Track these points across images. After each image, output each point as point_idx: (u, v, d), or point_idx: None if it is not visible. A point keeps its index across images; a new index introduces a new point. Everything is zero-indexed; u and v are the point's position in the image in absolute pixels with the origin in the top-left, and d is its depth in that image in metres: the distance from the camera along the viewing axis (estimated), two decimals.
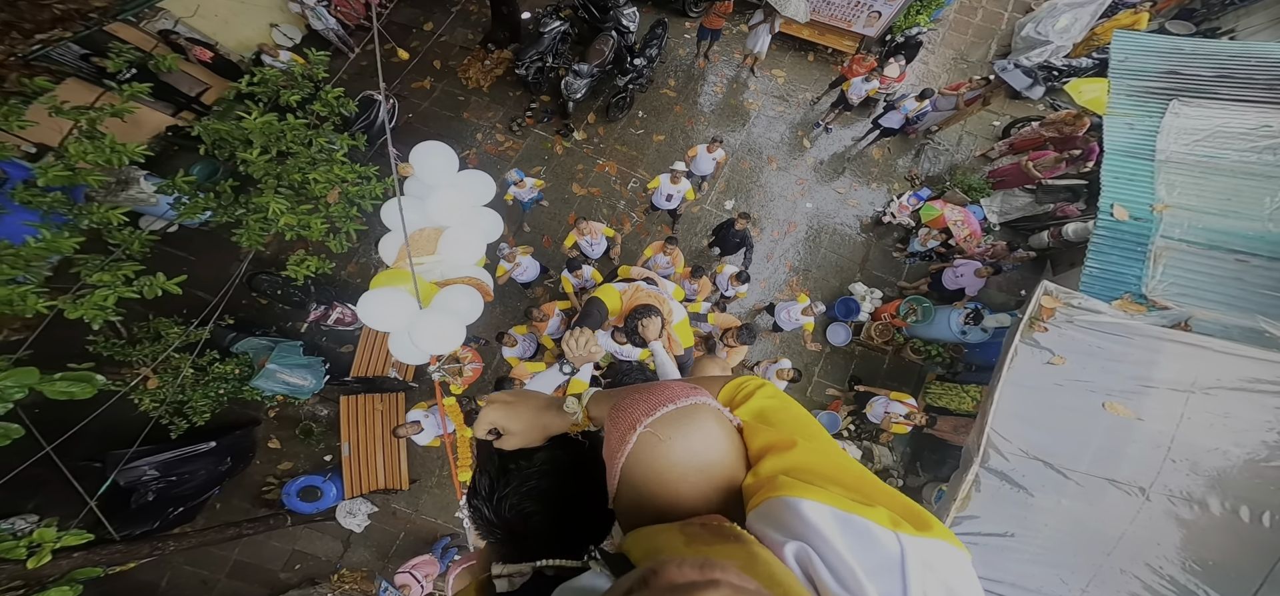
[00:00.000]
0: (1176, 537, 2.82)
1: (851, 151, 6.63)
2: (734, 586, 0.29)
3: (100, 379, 1.77)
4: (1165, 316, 2.92)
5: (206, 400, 4.20)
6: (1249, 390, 2.76)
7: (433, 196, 2.62)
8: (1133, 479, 2.85)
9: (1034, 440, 2.90)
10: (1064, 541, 2.92)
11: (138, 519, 4.16)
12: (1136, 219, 3.28)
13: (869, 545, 0.41)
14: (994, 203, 5.89)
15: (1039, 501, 2.91)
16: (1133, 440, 2.86)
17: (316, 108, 3.64)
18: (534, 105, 6.52)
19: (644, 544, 0.47)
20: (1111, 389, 2.86)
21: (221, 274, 4.29)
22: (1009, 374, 2.96)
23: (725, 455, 0.56)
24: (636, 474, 0.55)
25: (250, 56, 6.13)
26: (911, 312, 5.20)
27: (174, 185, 3.34)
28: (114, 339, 3.90)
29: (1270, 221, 3.10)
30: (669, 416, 0.55)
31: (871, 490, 0.48)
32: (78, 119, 2.95)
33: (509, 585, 0.54)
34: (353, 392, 5.06)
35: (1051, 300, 2.99)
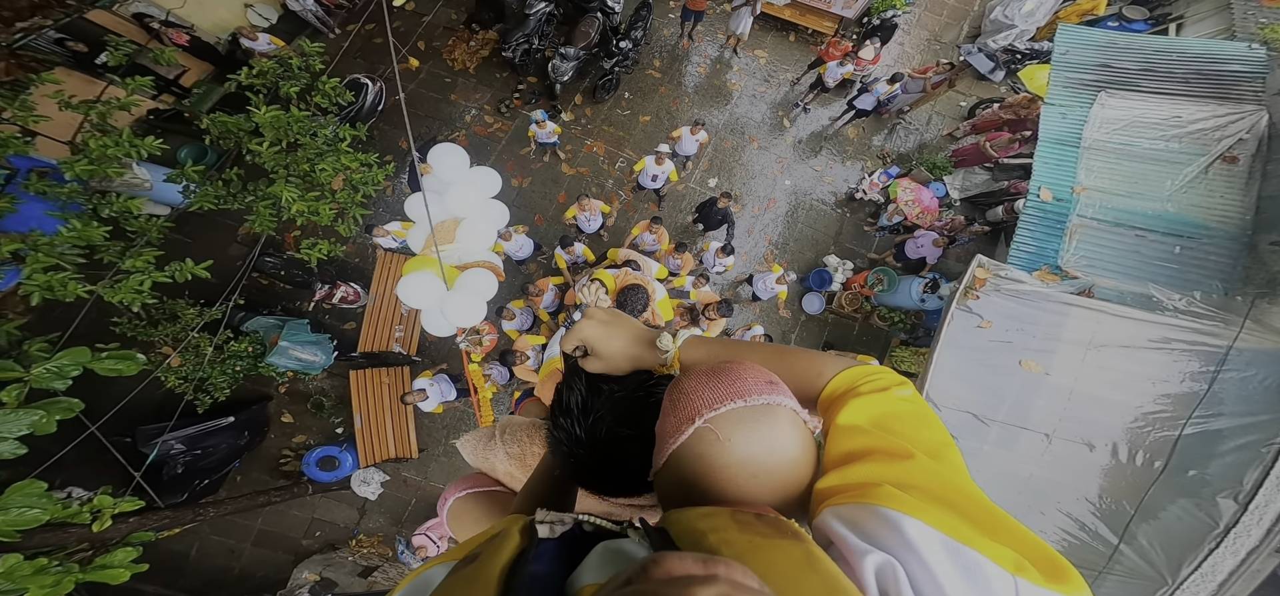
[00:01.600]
0: (1073, 476, 3.47)
1: (828, 131, 7.08)
2: (735, 584, 0.27)
3: (141, 358, 2.04)
4: (1073, 285, 3.53)
5: (225, 377, 4.54)
6: (1134, 347, 3.39)
7: (449, 191, 3.03)
8: (1040, 425, 3.49)
9: (963, 395, 3.52)
10: (986, 483, 3.46)
11: (170, 490, 4.59)
12: (1059, 200, 3.87)
13: (976, 584, 0.37)
14: (956, 179, 6.46)
15: (966, 447, 3.50)
16: (1041, 392, 3.48)
17: (317, 99, 3.91)
18: (521, 87, 6.76)
19: (690, 523, 0.44)
20: (1027, 348, 3.48)
21: (219, 255, 4.60)
22: (945, 336, 3.55)
23: (791, 461, 0.52)
24: (685, 466, 0.53)
25: (226, 39, 6.19)
26: (878, 282, 5.81)
27: (183, 174, 3.61)
28: (136, 320, 4.20)
29: (1169, 201, 3.70)
30: (735, 414, 0.51)
31: (999, 526, 0.43)
32: (88, 113, 3.20)
33: (550, 532, 0.51)
34: (360, 367, 5.49)
35: (984, 272, 3.56)
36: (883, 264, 6.10)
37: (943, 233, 5.63)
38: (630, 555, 0.48)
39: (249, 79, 3.69)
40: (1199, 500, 3.32)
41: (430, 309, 2.98)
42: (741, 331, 5.17)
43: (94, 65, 4.75)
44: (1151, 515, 3.41)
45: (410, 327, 5.61)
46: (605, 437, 0.70)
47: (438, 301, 2.86)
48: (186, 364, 4.26)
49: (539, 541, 0.49)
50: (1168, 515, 3.38)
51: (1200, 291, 3.44)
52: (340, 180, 3.75)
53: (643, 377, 0.75)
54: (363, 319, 5.54)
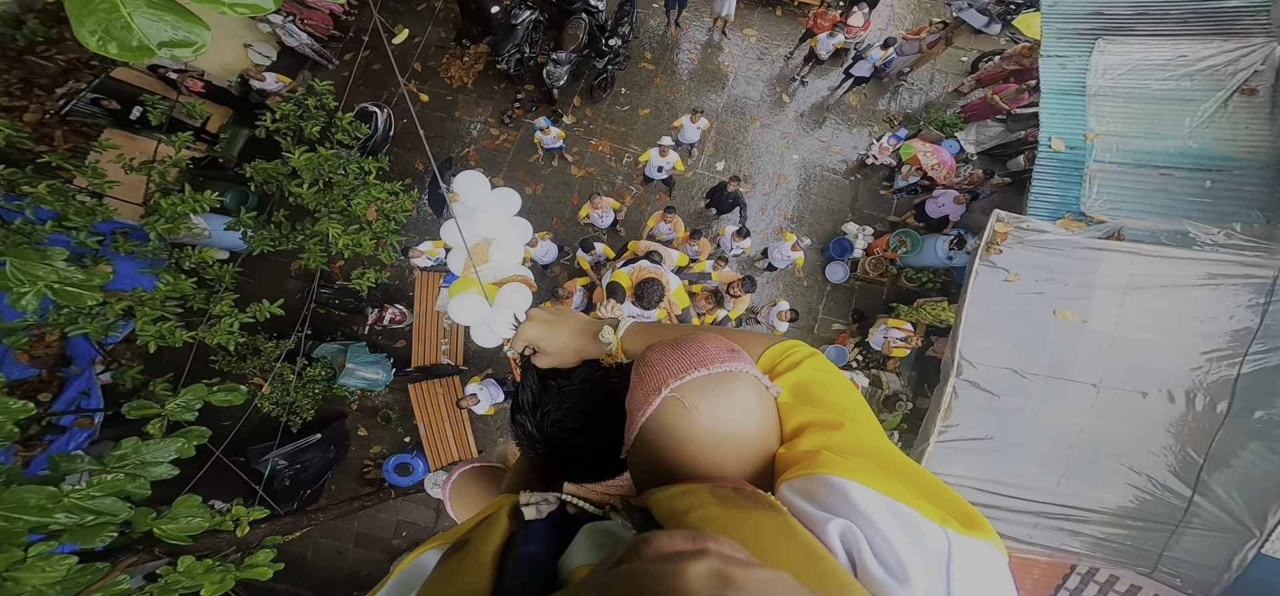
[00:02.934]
0: (1131, 427, 3.39)
1: (829, 101, 7.03)
2: (725, 556, 0.27)
3: (243, 389, 2.26)
4: (1101, 229, 3.51)
5: (307, 399, 5.04)
6: (1176, 287, 3.34)
7: (478, 216, 3.15)
8: (1085, 376, 3.45)
9: (999, 351, 3.53)
10: (1036, 439, 3.50)
11: (282, 500, 5.18)
12: (1072, 148, 3.83)
13: (916, 538, 0.40)
14: (969, 134, 6.40)
15: (1009, 404, 3.51)
16: (1081, 341, 3.45)
17: (338, 136, 4.05)
18: (520, 96, 6.79)
19: (670, 502, 0.45)
20: (1060, 297, 3.48)
21: (279, 291, 5.02)
22: (972, 293, 3.55)
23: (756, 429, 0.54)
24: (654, 436, 0.53)
25: (236, 80, 6.31)
26: (901, 244, 5.80)
27: (240, 222, 3.90)
28: (229, 357, 4.62)
29: (1191, 138, 3.64)
30: (699, 382, 0.52)
31: (921, 482, 0.46)
32: (149, 173, 3.54)
33: (536, 513, 0.52)
34: (415, 380, 5.92)
35: (1003, 225, 3.56)
36: (904, 226, 6.09)
37: (962, 188, 5.60)
38: (616, 536, 0.49)
39: (274, 124, 3.91)
40: (1271, 443, 3.18)
41: (478, 324, 3.27)
42: (767, 308, 5.23)
43: (130, 122, 5.04)
44: (1223, 463, 3.30)
45: (454, 339, 6.00)
46: (554, 431, 0.72)
47: (484, 317, 3.12)
48: (275, 391, 4.73)
49: (527, 523, 0.50)
50: (1241, 462, 3.28)
51: (1240, 223, 3.39)
52: (373, 211, 3.99)
53: (591, 369, 0.77)
54: (411, 336, 5.96)
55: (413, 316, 5.96)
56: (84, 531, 1.77)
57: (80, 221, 3.02)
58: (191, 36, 0.72)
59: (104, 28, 0.66)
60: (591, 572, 0.34)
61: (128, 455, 1.91)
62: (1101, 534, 3.53)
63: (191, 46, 0.72)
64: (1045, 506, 3.53)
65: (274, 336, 4.92)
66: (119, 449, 1.92)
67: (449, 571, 0.44)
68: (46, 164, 3.54)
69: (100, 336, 3.32)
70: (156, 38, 0.69)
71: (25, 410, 1.79)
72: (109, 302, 3.15)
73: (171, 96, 5.36)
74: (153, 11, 0.68)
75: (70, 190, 3.13)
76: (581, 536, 0.50)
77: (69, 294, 1.89)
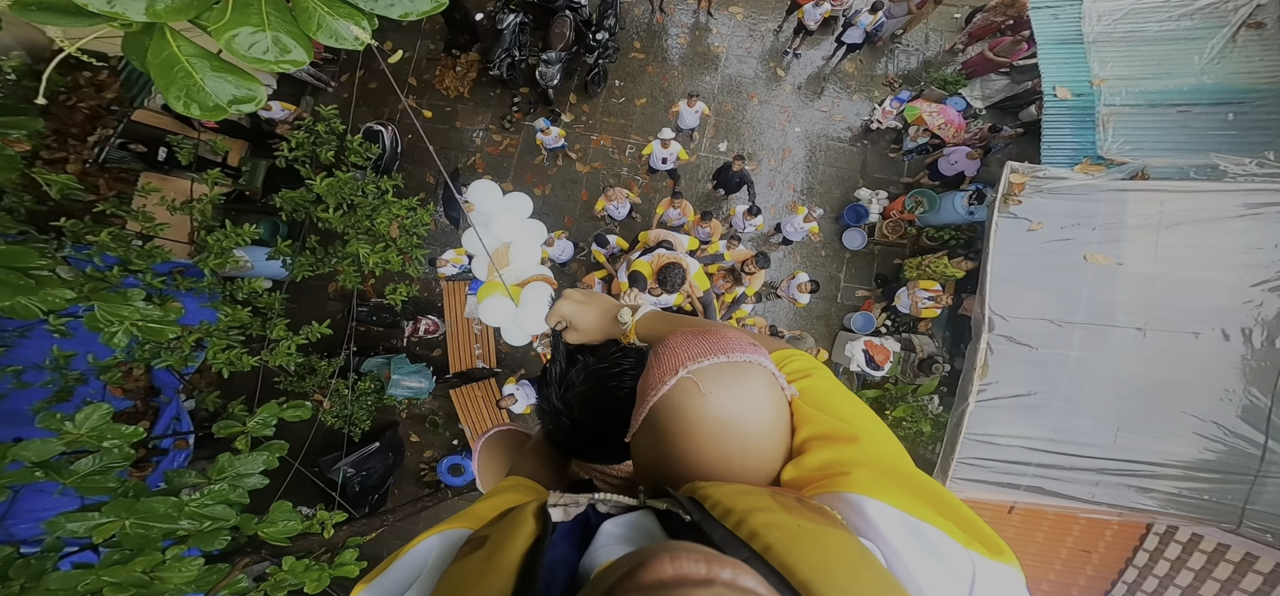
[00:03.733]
0: (1186, 371, 3.21)
1: (825, 71, 6.94)
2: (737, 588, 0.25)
3: (309, 404, 2.46)
4: (1123, 170, 3.44)
5: (362, 411, 5.36)
6: (1215, 220, 3.23)
7: (494, 221, 3.16)
8: (1127, 320, 3.33)
9: (1032, 302, 3.47)
10: (1086, 390, 3.36)
11: (356, 505, 5.47)
12: (1079, 95, 3.78)
13: (939, 560, 0.38)
14: (973, 90, 6.29)
15: (1050, 355, 3.40)
16: (1118, 285, 3.37)
17: (352, 158, 4.10)
18: (517, 100, 6.76)
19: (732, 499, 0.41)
20: (1089, 241, 3.42)
21: (320, 312, 5.31)
22: (995, 246, 3.50)
23: (767, 425, 0.51)
24: (663, 418, 0.52)
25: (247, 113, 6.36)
26: (918, 205, 5.73)
27: (279, 251, 4.14)
28: (289, 377, 4.91)
29: (1204, 74, 3.58)
30: (717, 368, 0.51)
31: (943, 501, 0.43)
32: (191, 212, 3.79)
33: (564, 515, 0.49)
34: (455, 386, 6.10)
35: (1019, 176, 3.51)
36: (918, 186, 6.02)
37: (974, 144, 5.51)
38: (645, 530, 0.46)
39: (291, 152, 4.05)
40: None
41: (507, 325, 3.36)
42: (786, 281, 5.20)
43: (159, 163, 5.22)
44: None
45: (486, 343, 6.16)
46: (577, 405, 0.74)
47: (512, 317, 3.18)
48: (334, 405, 5.05)
49: (554, 526, 0.47)
50: None
51: (1272, 151, 3.30)
52: (395, 228, 4.13)
53: (614, 347, 0.81)
54: (446, 344, 6.14)
55: (445, 325, 6.17)
56: (204, 536, 2.03)
57: (143, 263, 3.17)
58: (250, 92, 0.83)
59: (186, 92, 0.79)
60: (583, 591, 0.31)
61: (225, 468, 2.13)
62: (1174, 489, 3.33)
63: (252, 101, 0.84)
64: (1107, 462, 3.38)
65: (325, 356, 5.26)
66: (216, 464, 2.14)
67: (469, 573, 0.41)
68: (102, 212, 3.75)
69: (180, 367, 3.62)
70: (225, 97, 0.81)
71: (136, 434, 2.01)
72: (183, 336, 3.41)
73: (191, 135, 5.49)
74: (217, 75, 0.80)
75: (128, 236, 3.26)
76: (611, 528, 0.47)
77: (151, 330, 2.15)
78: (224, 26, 0.78)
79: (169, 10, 0.75)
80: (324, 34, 0.84)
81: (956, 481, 3.47)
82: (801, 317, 6.31)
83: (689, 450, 0.50)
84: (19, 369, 3.09)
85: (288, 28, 0.82)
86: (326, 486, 4.81)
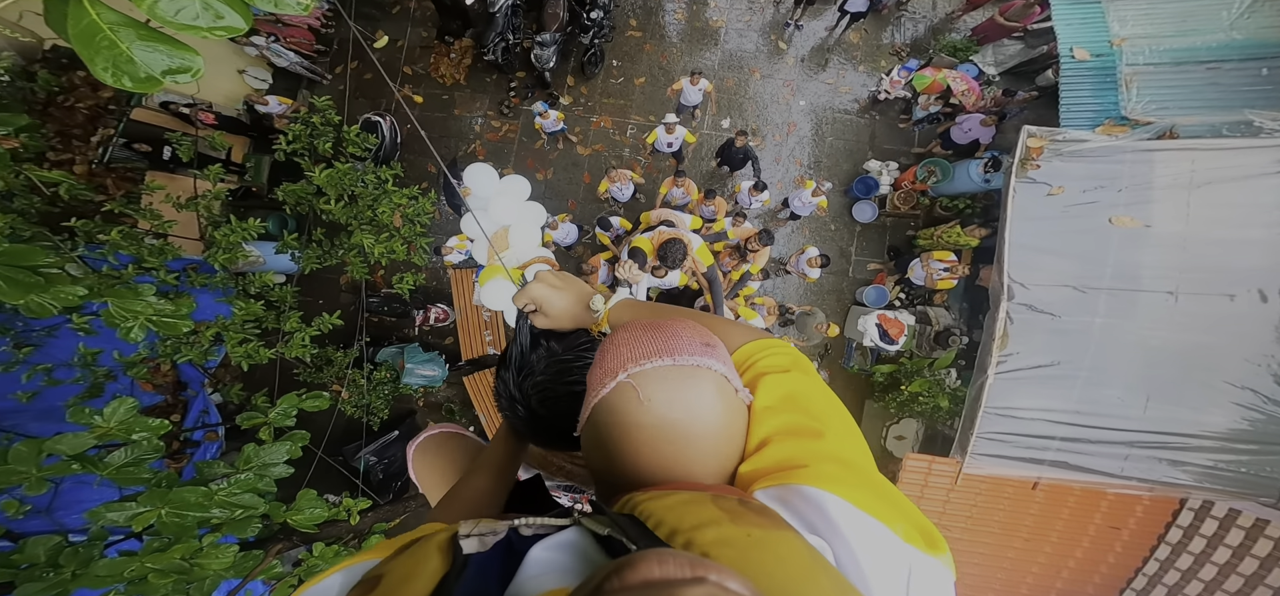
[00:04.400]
0: (1222, 336, 3.06)
1: (829, 42, 6.72)
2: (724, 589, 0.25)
3: (327, 395, 2.50)
4: (1150, 130, 3.27)
5: (380, 400, 5.43)
6: (1251, 177, 3.06)
7: (492, 204, 3.08)
8: (1157, 284, 3.18)
9: (1054, 268, 3.34)
10: (1113, 359, 3.23)
11: (380, 492, 5.59)
12: (1098, 56, 3.62)
13: (884, 556, 0.39)
14: (985, 56, 6.06)
15: (1073, 324, 3.28)
16: (1147, 247, 3.22)
17: (350, 149, 4.05)
18: (514, 85, 6.63)
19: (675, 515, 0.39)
20: (1114, 204, 3.27)
21: (332, 304, 5.39)
22: (1013, 212, 3.37)
23: (713, 431, 0.49)
24: (603, 420, 0.50)
25: (243, 108, 6.28)
26: (930, 174, 5.58)
27: (287, 245, 4.16)
28: (307, 369, 4.98)
29: (1233, 30, 3.41)
30: (660, 372, 0.48)
31: (894, 498, 0.44)
32: (197, 209, 3.80)
33: (480, 545, 0.44)
34: (468, 373, 6.09)
35: (1036, 140, 3.35)
36: (930, 155, 5.84)
37: (987, 111, 5.30)
38: (580, 550, 0.42)
39: (289, 146, 4.03)
40: None
41: (509, 308, 3.28)
42: (796, 256, 5.08)
43: (164, 162, 5.25)
44: None
45: (496, 330, 6.15)
46: (534, 393, 0.71)
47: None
48: (352, 395, 5.15)
49: (465, 559, 0.42)
50: None
51: None
52: (398, 217, 4.15)
53: (581, 336, 0.78)
54: (457, 332, 6.14)
55: (455, 313, 6.20)
56: (236, 524, 2.10)
57: (156, 261, 3.21)
58: (186, 62, 0.79)
59: (113, 63, 0.74)
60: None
61: (250, 458, 2.19)
62: (1209, 462, 3.23)
63: (189, 71, 0.79)
64: (1137, 435, 3.26)
65: (340, 347, 5.36)
66: (242, 454, 2.20)
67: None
68: (111, 211, 3.73)
69: (202, 361, 3.68)
70: (157, 67, 0.77)
71: (163, 427, 2.07)
72: (200, 331, 3.50)
73: (190, 131, 5.46)
74: (146, 44, 0.76)
75: (139, 234, 3.30)
76: (540, 553, 0.42)
77: (165, 323, 2.22)
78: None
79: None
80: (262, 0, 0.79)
81: (977, 457, 3.38)
82: (812, 292, 6.19)
83: (628, 454, 0.49)
84: (49, 367, 3.20)
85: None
86: (350, 474, 4.94)
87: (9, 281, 1.69)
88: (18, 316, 3.43)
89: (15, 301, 1.72)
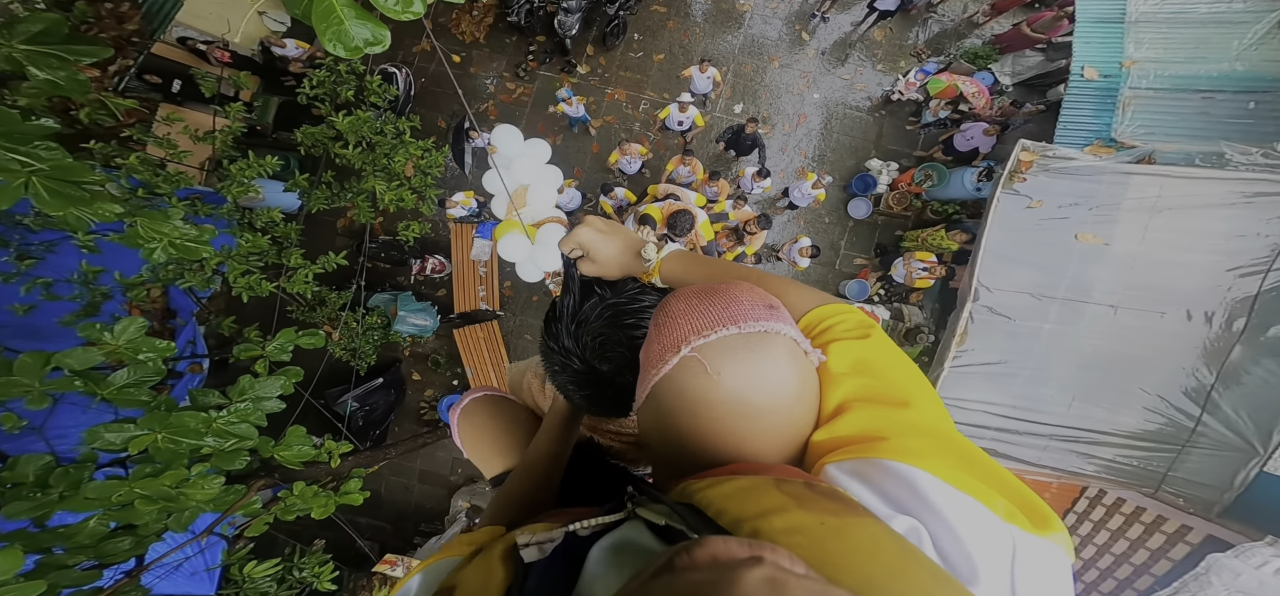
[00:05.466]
0: (1145, 348, 3.49)
1: (853, 36, 6.84)
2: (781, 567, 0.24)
3: (322, 333, 2.54)
4: (1132, 154, 3.52)
5: (369, 345, 5.57)
6: (1207, 206, 3.37)
7: (514, 164, 3.44)
8: (1103, 298, 3.56)
9: (1016, 276, 3.65)
10: (1051, 362, 3.64)
11: (360, 438, 5.85)
12: (1106, 76, 3.85)
13: (983, 537, 0.36)
14: (1005, 65, 6.20)
15: (1025, 327, 3.65)
16: (1102, 263, 3.55)
17: (372, 98, 4.31)
18: (533, 48, 6.82)
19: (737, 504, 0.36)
20: (1083, 222, 3.54)
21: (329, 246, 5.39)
22: (993, 220, 3.65)
23: (790, 402, 0.47)
24: (668, 400, 0.48)
25: (258, 48, 6.51)
26: (927, 178, 5.85)
27: (296, 183, 4.37)
28: (302, 307, 5.13)
29: (1238, 61, 3.63)
30: (727, 342, 0.45)
31: (991, 472, 0.41)
32: (214, 142, 3.99)
33: (539, 553, 0.44)
34: (459, 326, 6.43)
35: (1028, 154, 3.60)
36: (931, 160, 6.07)
37: (993, 120, 5.51)
38: (640, 545, 0.43)
39: (313, 90, 4.24)
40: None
41: (523, 261, 3.73)
42: (788, 245, 5.38)
43: (172, 95, 5.48)
44: (1234, 381, 3.40)
45: (490, 286, 6.48)
46: (591, 343, 0.67)
47: (528, 254, 3.53)
48: (343, 338, 5.29)
49: (526, 568, 0.42)
50: (1252, 379, 3.36)
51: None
52: (411, 167, 4.36)
53: (633, 284, 0.74)
54: (452, 285, 6.45)
55: (451, 266, 6.46)
56: (225, 455, 2.09)
57: (167, 188, 3.35)
58: (379, 36, 1.08)
59: (337, 36, 1.04)
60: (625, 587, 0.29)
61: (246, 389, 2.19)
62: (1111, 456, 3.69)
63: (380, 44, 1.09)
64: (1057, 429, 3.70)
65: (335, 288, 5.49)
66: (237, 385, 2.20)
67: None
68: (128, 137, 3.91)
69: (203, 287, 3.78)
70: (362, 38, 1.06)
71: (169, 349, 2.06)
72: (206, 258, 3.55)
73: (209, 68, 5.69)
74: (359, 21, 1.06)
75: (152, 160, 3.44)
76: (600, 554, 0.43)
77: (188, 247, 2.18)
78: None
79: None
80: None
81: None
82: (800, 281, 6.47)
83: (698, 434, 0.46)
84: (49, 281, 3.21)
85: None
86: (333, 418, 5.11)
87: (54, 193, 1.71)
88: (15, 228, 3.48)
89: (57, 212, 1.76)
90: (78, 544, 1.82)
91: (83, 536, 1.84)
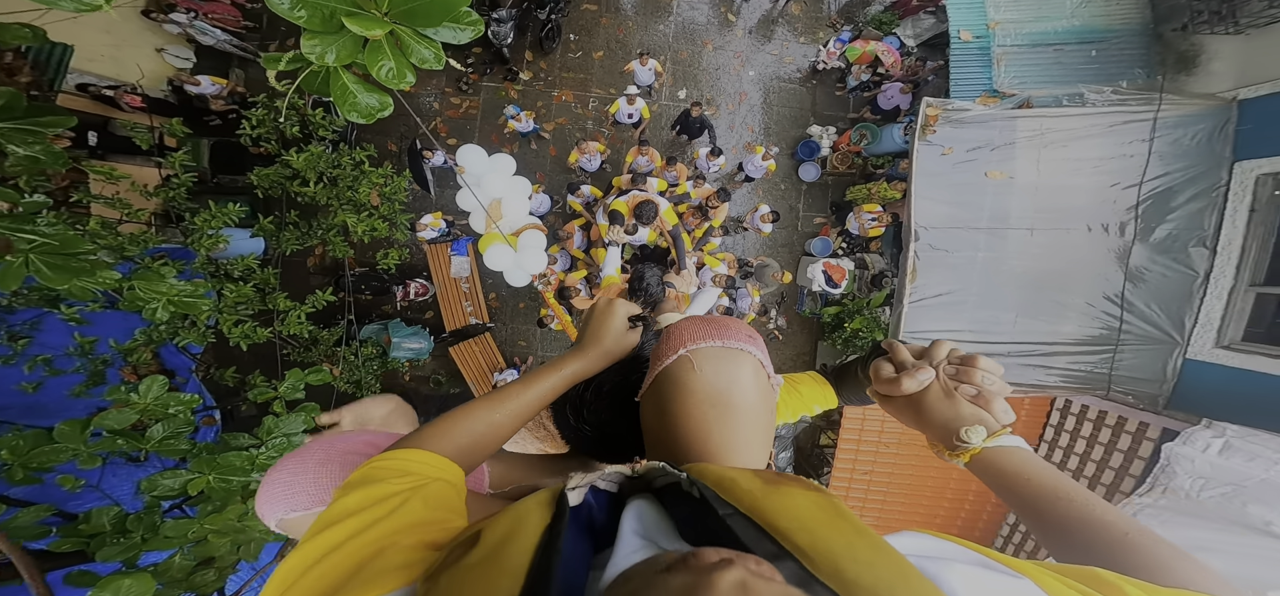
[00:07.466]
0: (1063, 262, 4.16)
1: (774, 13, 7.51)
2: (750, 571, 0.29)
3: (326, 370, 2.69)
4: (1012, 102, 4.34)
5: (370, 375, 5.77)
6: (1081, 137, 4.19)
7: (484, 181, 3.70)
8: (1020, 223, 4.29)
9: (947, 213, 4.41)
10: (990, 285, 4.30)
11: None
12: (978, 36, 4.68)
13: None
14: (907, 28, 7.04)
15: (961, 258, 4.33)
16: (1012, 195, 4.32)
17: (320, 131, 4.38)
18: (470, 61, 6.95)
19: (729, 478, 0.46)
20: (989, 161, 4.32)
21: (304, 285, 5.54)
22: (916, 169, 4.37)
23: (751, 406, 0.63)
24: (664, 387, 0.64)
25: (168, 88, 6.22)
26: (862, 137, 6.67)
27: (262, 228, 4.42)
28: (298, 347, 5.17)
29: (1073, 17, 4.52)
30: (711, 351, 0.62)
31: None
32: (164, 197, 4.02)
33: (578, 498, 0.48)
34: (453, 344, 6.63)
35: (933, 109, 4.32)
36: (862, 120, 6.89)
37: (906, 79, 6.30)
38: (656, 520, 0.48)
39: (254, 130, 4.18)
40: (1175, 255, 3.87)
41: (509, 269, 4.06)
42: (751, 213, 5.98)
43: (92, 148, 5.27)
44: (1140, 280, 3.99)
45: (476, 301, 6.72)
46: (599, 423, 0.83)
47: (513, 262, 3.84)
48: (343, 372, 5.48)
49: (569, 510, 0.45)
50: (1154, 275, 3.94)
51: (1126, 80, 4.27)
52: (376, 195, 4.38)
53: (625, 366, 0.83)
54: (437, 305, 6.62)
55: (434, 287, 6.64)
56: None
57: (135, 249, 3.36)
58: (384, 103, 1.24)
59: (351, 105, 1.21)
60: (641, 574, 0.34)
61: (272, 429, 2.34)
62: (1064, 365, 4.31)
63: (386, 109, 1.23)
64: (1012, 345, 4.34)
65: (323, 326, 5.57)
66: (263, 425, 2.35)
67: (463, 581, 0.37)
68: (76, 201, 3.81)
69: (200, 342, 3.86)
70: (372, 105, 1.23)
71: (193, 401, 2.24)
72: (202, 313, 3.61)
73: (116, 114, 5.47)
74: (367, 91, 1.24)
75: (113, 223, 3.43)
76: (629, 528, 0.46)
77: (186, 304, 2.35)
78: (371, 60, 1.28)
79: (338, 59, 1.28)
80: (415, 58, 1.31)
81: None
82: (767, 246, 7.21)
83: (681, 416, 0.62)
84: (49, 358, 3.35)
85: (398, 59, 1.28)
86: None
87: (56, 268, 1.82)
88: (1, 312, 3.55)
89: (60, 286, 1.89)
90: (172, 578, 2.00)
91: (174, 571, 2.02)
